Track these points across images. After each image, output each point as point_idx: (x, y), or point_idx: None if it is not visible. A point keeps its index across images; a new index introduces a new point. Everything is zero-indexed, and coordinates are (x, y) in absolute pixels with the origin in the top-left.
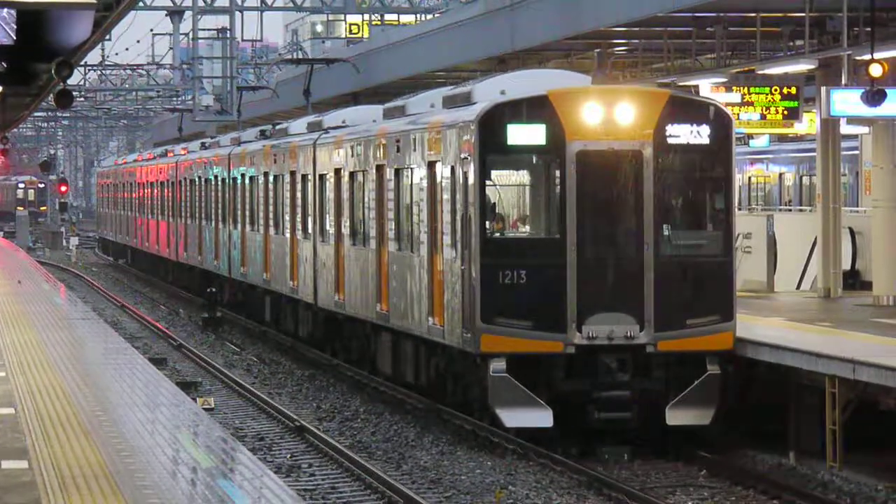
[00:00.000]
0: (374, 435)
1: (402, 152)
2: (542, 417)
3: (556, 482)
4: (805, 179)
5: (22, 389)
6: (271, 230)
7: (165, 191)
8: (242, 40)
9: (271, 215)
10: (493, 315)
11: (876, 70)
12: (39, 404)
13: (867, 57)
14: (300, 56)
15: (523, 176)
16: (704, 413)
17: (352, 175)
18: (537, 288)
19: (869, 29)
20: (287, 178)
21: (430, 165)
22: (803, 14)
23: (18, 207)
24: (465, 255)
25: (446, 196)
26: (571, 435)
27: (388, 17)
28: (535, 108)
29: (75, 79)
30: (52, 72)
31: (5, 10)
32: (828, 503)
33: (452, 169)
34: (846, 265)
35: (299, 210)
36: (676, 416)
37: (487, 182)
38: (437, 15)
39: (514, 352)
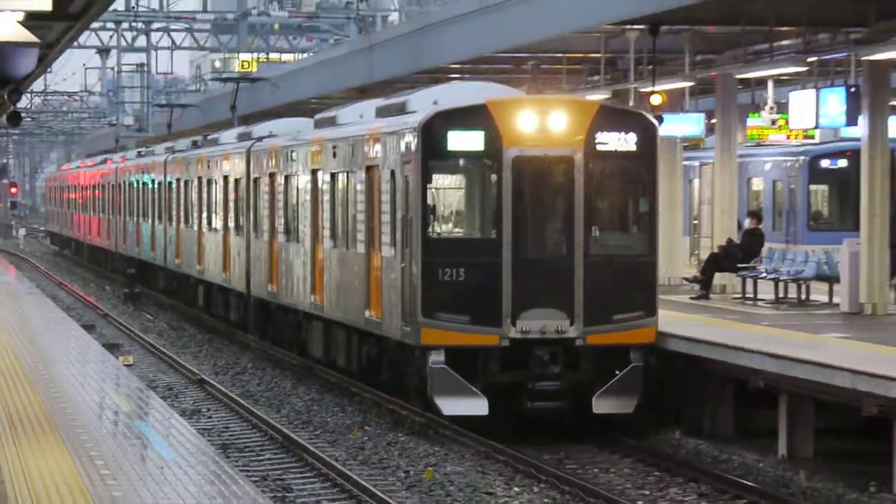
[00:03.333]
0: (259, 385)
1: (339, 157)
2: (478, 406)
3: (401, 423)
4: None
5: None
6: (204, 227)
7: (106, 192)
8: (157, 73)
9: (204, 214)
10: (433, 310)
11: (656, 99)
12: None
13: (649, 89)
14: (203, 86)
15: (462, 180)
16: (628, 402)
17: (286, 178)
18: (475, 285)
19: (651, 67)
20: (220, 182)
21: (369, 170)
22: (599, 55)
23: None
24: (405, 253)
25: (385, 198)
26: (505, 422)
27: (272, 55)
28: (475, 116)
29: (23, 103)
30: (5, 97)
31: None
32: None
33: (392, 173)
34: None
35: (232, 210)
36: (602, 405)
37: (428, 185)
38: (311, 54)
39: (452, 344)
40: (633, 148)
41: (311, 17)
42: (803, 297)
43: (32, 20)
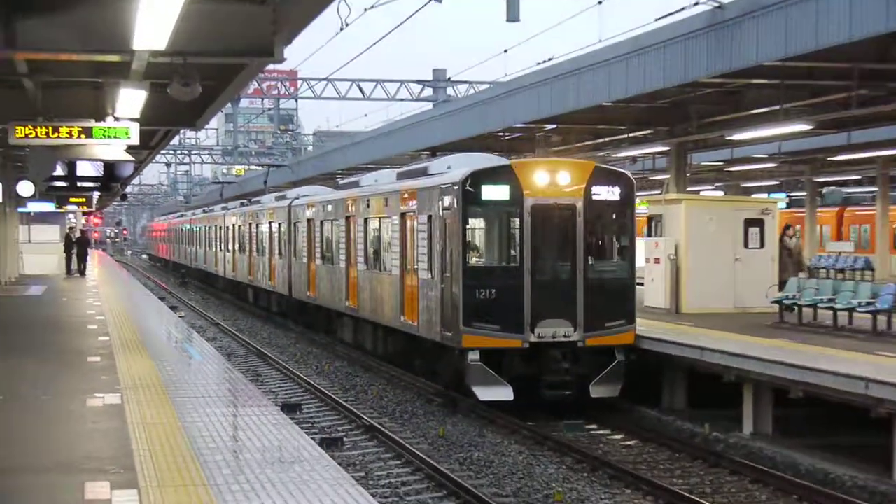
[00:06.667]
0: (245, 325)
1: (372, 207)
2: (505, 393)
3: (314, 343)
4: None
5: (107, 310)
6: (254, 254)
7: (183, 233)
8: (193, 174)
9: (255, 245)
10: (471, 320)
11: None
12: (115, 315)
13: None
14: (223, 181)
15: (492, 222)
16: (616, 388)
17: (321, 222)
18: (503, 301)
19: None
20: (267, 225)
21: (403, 216)
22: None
23: (107, 239)
24: (445, 277)
25: (423, 236)
26: (527, 405)
27: (252, 167)
28: (502, 173)
29: (128, 190)
30: (118, 187)
31: (98, 161)
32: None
33: (429, 217)
34: None
35: (276, 242)
36: (598, 391)
37: (467, 226)
38: (267, 168)
39: (485, 346)
40: (618, 198)
41: (269, 148)
42: None
43: (130, 149)
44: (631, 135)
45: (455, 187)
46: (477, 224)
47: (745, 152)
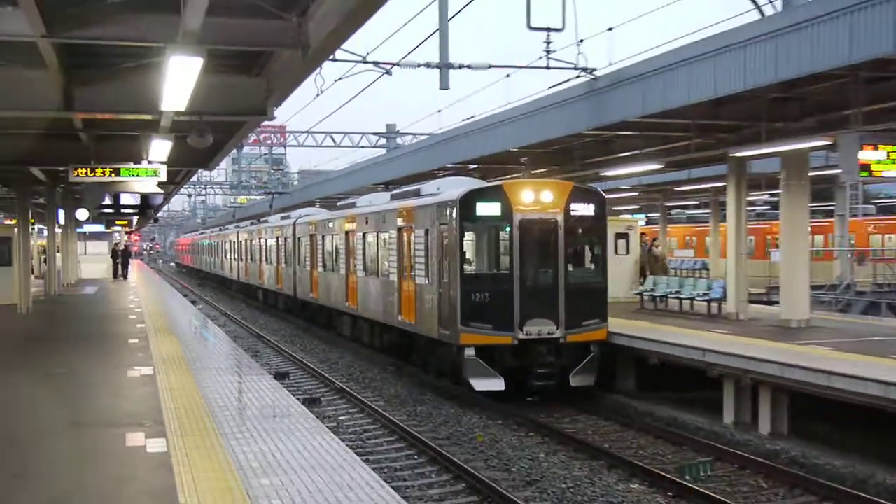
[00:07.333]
0: (248, 314)
1: (370, 223)
2: (497, 384)
3: (298, 327)
4: None
5: (144, 305)
6: (264, 262)
7: (203, 246)
8: (208, 203)
9: (264, 255)
10: (468, 321)
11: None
12: (150, 309)
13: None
14: (233, 206)
15: (485, 234)
16: (591, 378)
17: (323, 237)
18: (495, 304)
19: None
20: (274, 239)
21: (400, 230)
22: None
23: (144, 251)
24: (443, 283)
25: (420, 247)
26: (516, 394)
27: (252, 197)
28: (494, 192)
29: (160, 214)
30: (151, 212)
31: (136, 193)
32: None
33: (426, 231)
34: None
35: (283, 253)
36: (576, 381)
37: (463, 238)
38: (272, 195)
39: (480, 343)
40: (592, 213)
41: (265, 183)
42: None
43: (160, 184)
44: (531, 172)
45: (452, 204)
46: (472, 237)
47: (614, 184)
